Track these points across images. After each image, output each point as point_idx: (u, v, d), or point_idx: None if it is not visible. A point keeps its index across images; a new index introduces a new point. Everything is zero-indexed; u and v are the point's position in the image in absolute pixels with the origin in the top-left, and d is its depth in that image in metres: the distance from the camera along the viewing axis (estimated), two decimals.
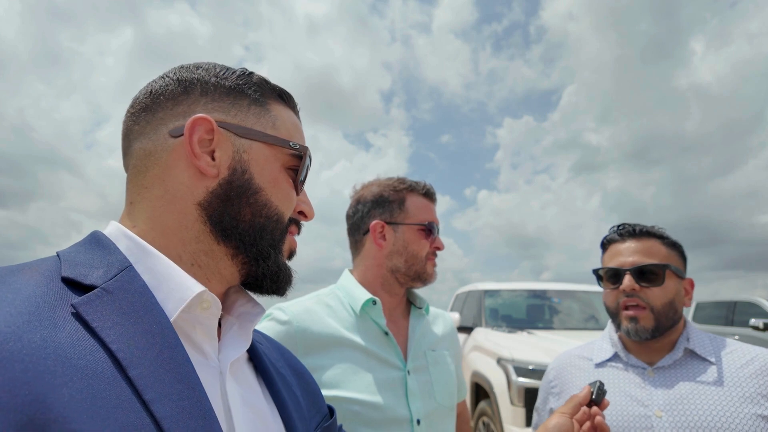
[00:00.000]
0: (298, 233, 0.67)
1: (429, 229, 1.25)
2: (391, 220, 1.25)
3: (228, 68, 0.62)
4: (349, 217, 1.33)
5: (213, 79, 0.59)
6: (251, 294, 0.64)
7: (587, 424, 0.91)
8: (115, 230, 0.55)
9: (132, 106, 0.60)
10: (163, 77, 0.60)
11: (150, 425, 0.41)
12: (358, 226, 1.29)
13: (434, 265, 1.28)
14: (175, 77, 0.59)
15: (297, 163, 0.63)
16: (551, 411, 0.90)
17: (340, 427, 0.79)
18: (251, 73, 0.62)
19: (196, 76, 0.59)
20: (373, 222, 1.25)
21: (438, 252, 1.29)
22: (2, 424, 0.35)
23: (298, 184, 0.63)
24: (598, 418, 0.91)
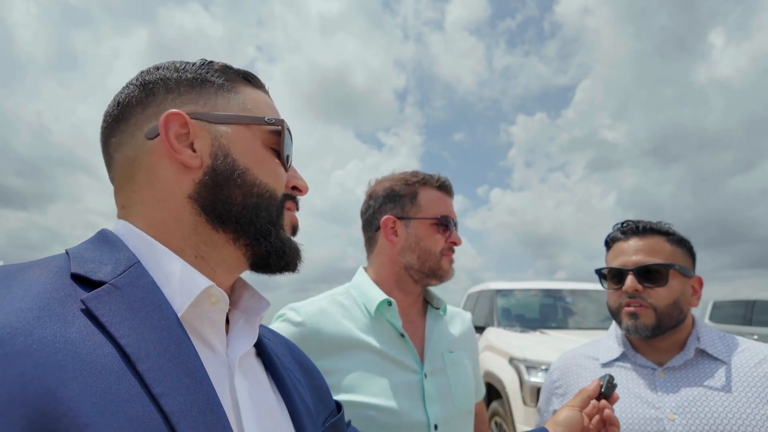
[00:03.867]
0: (297, 209, 0.66)
1: (443, 224, 1.20)
2: (403, 215, 1.20)
3: (188, 62, 0.62)
4: (362, 213, 1.30)
5: (174, 75, 0.60)
6: (257, 289, 0.64)
7: (596, 417, 0.90)
8: (122, 228, 0.56)
9: (104, 121, 0.61)
10: (126, 86, 0.61)
11: (159, 419, 0.42)
12: (370, 222, 1.26)
13: (451, 261, 1.22)
14: (137, 83, 0.60)
15: (278, 140, 0.63)
16: (554, 413, 0.90)
17: (349, 422, 0.79)
18: (212, 61, 0.63)
19: (157, 77, 0.60)
20: (384, 217, 1.21)
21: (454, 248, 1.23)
22: (14, 418, 0.35)
23: (284, 160, 0.63)
24: (607, 412, 0.90)
